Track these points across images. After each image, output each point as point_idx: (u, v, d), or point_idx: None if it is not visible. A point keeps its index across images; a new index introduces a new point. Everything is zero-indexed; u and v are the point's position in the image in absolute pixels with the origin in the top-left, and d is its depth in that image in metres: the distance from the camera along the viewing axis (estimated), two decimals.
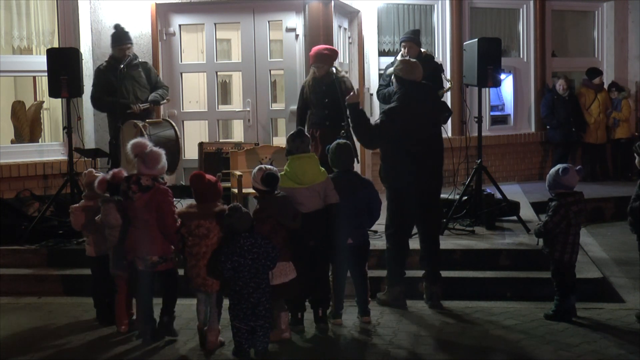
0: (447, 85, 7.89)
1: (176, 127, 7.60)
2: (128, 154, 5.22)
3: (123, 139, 7.13)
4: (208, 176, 5.07)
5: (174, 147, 7.34)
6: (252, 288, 4.79)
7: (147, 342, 5.14)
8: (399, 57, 7.80)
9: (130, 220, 5.17)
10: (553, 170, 5.64)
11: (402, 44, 7.71)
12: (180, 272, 5.30)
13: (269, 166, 5.29)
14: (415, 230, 6.14)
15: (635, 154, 5.65)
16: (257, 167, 5.24)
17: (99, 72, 7.65)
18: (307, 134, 5.45)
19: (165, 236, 5.08)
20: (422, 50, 7.86)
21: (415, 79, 5.92)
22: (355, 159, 5.99)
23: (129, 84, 7.55)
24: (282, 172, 5.33)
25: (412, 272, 6.37)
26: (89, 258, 5.69)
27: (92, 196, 5.58)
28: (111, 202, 5.29)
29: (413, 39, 7.67)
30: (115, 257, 5.32)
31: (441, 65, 8.23)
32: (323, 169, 5.40)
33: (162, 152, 5.21)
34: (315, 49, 7.53)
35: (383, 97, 7.76)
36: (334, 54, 7.51)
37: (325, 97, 7.30)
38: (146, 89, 7.70)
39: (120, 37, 7.64)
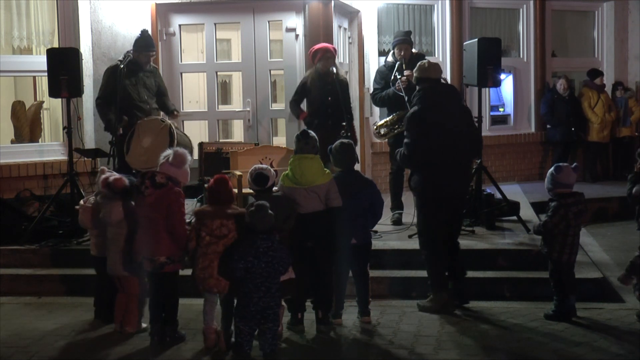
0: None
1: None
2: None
3: (141, 133, 7.18)
4: (229, 182, 5.11)
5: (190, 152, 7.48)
6: (263, 292, 4.74)
7: (154, 342, 5.12)
8: (389, 59, 7.76)
9: (138, 220, 5.17)
10: (549, 171, 5.66)
11: (397, 46, 7.56)
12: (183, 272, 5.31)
13: (263, 166, 5.30)
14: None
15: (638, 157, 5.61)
16: (252, 167, 5.27)
17: (113, 73, 7.41)
18: (313, 135, 5.43)
19: (172, 236, 5.06)
20: (413, 50, 7.82)
21: (430, 77, 5.86)
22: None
23: (142, 91, 7.56)
24: (285, 172, 5.34)
25: (413, 272, 6.39)
26: (92, 257, 5.70)
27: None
28: (115, 199, 5.30)
29: (408, 41, 7.62)
30: (126, 258, 5.31)
31: None
32: (327, 170, 5.39)
33: (187, 153, 5.24)
34: (321, 44, 7.55)
35: (382, 101, 7.69)
36: (336, 52, 7.59)
37: (327, 96, 7.30)
38: (154, 97, 7.73)
39: (148, 42, 7.60)
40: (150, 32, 8.49)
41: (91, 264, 5.80)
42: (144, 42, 7.58)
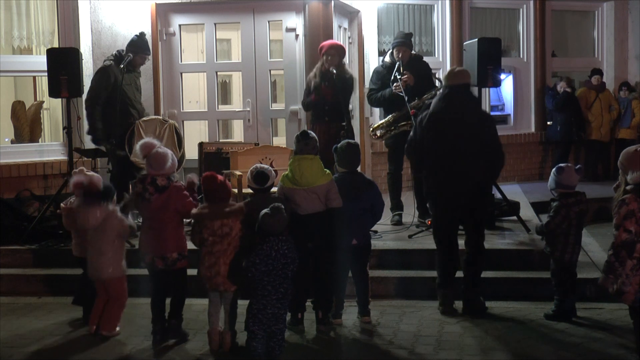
0: (438, 83, 7.81)
1: None
2: (138, 155, 5.22)
3: (142, 132, 7.22)
4: (219, 177, 5.07)
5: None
6: (281, 293, 4.73)
7: (157, 342, 5.11)
8: (387, 59, 7.73)
9: (146, 221, 5.19)
10: (552, 171, 5.66)
11: (396, 48, 7.49)
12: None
13: (264, 165, 5.30)
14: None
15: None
16: (254, 166, 5.27)
17: (107, 71, 7.39)
18: (313, 135, 5.42)
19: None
20: (412, 52, 7.78)
21: (453, 84, 5.75)
22: None
23: (135, 92, 7.60)
24: (285, 173, 5.34)
25: (413, 272, 6.39)
26: (75, 257, 5.70)
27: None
28: (92, 204, 5.23)
29: (407, 44, 7.58)
30: (115, 261, 5.30)
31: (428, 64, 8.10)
32: (328, 170, 5.39)
33: (167, 151, 5.21)
34: (328, 41, 7.58)
35: (377, 101, 7.64)
36: (344, 49, 7.58)
37: (326, 93, 7.26)
38: (140, 96, 7.77)
39: (147, 45, 7.63)
40: (150, 32, 8.54)
41: (76, 264, 5.79)
42: (144, 44, 7.60)
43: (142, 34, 7.66)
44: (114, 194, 5.42)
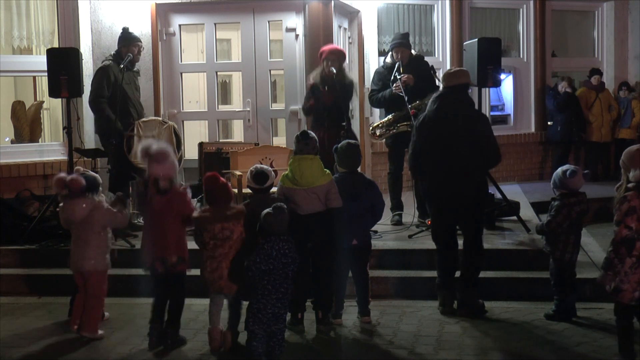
0: (439, 83, 7.79)
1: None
2: (138, 159, 5.21)
3: (142, 132, 7.24)
4: (221, 178, 5.06)
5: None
6: (282, 293, 4.72)
7: (152, 344, 5.06)
8: (388, 60, 7.73)
9: (147, 223, 5.18)
10: (560, 170, 5.61)
11: (395, 49, 7.49)
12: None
13: (263, 165, 5.31)
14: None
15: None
16: (254, 165, 5.28)
17: (107, 70, 7.41)
18: (313, 135, 5.42)
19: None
20: (413, 52, 7.77)
21: (448, 84, 5.79)
22: None
23: (134, 91, 7.61)
24: (285, 173, 5.34)
25: (413, 272, 6.40)
26: None
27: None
28: (76, 197, 5.21)
29: (405, 44, 7.57)
30: (98, 253, 5.28)
31: (432, 66, 8.09)
32: (328, 170, 5.39)
33: (168, 146, 5.22)
34: (329, 45, 7.55)
35: (378, 102, 7.66)
36: (344, 54, 7.56)
37: (325, 98, 7.26)
38: (139, 95, 7.77)
39: (134, 35, 7.65)
40: (150, 32, 8.55)
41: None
42: (131, 35, 7.63)
43: (125, 28, 7.70)
44: (99, 184, 5.38)
